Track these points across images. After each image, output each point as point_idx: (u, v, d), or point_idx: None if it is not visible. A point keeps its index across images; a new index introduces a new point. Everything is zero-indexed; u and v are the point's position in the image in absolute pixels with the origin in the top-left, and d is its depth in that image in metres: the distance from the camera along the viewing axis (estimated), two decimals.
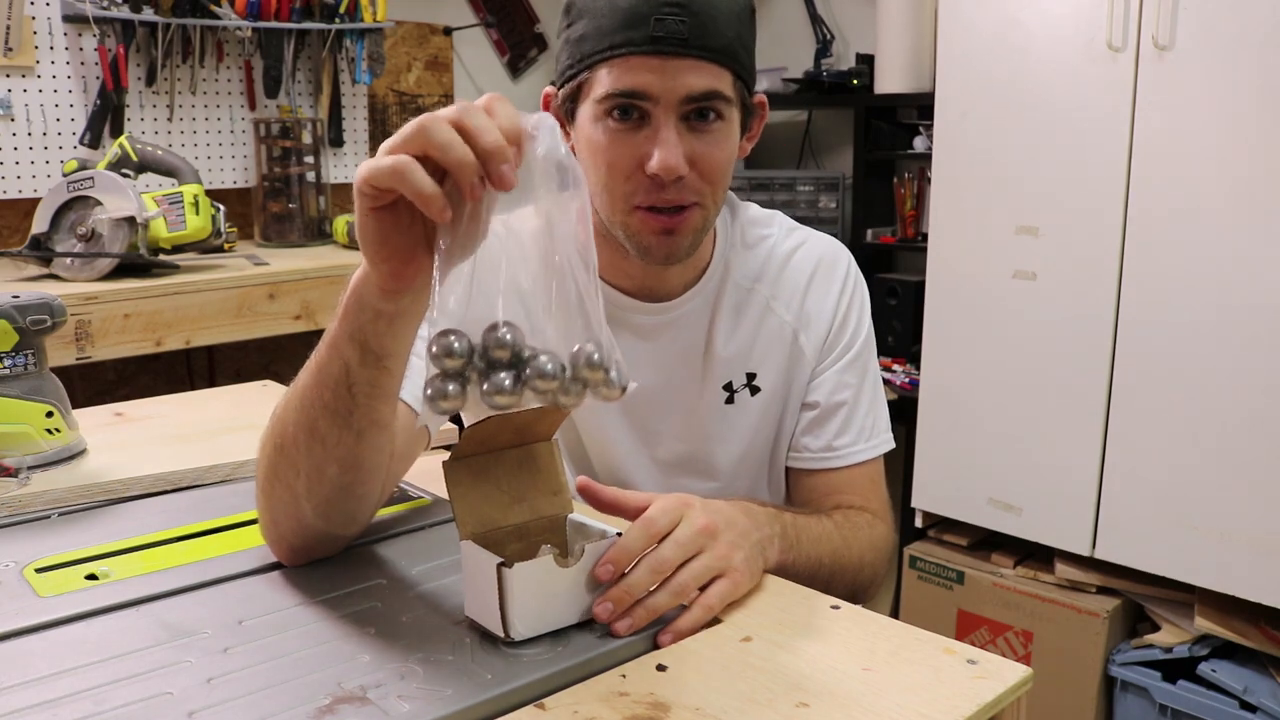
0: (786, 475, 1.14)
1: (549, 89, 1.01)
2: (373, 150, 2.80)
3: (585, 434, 1.08)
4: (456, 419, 1.17)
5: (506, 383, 0.63)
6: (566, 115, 0.99)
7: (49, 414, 1.10)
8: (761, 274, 1.09)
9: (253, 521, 0.91)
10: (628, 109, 0.92)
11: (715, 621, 0.77)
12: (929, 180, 2.35)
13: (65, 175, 1.98)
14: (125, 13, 2.23)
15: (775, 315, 1.09)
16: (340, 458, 0.76)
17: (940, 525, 2.38)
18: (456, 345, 0.63)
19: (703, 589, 0.76)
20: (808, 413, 1.10)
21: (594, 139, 0.95)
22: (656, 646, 0.73)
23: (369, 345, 0.71)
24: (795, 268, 1.10)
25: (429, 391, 0.63)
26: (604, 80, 0.92)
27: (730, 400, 1.08)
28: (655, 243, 0.97)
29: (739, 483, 1.11)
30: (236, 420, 1.26)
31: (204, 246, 2.09)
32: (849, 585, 0.96)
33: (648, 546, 0.74)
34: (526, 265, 0.65)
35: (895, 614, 2.38)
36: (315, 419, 0.74)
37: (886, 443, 1.12)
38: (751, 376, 1.08)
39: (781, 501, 1.15)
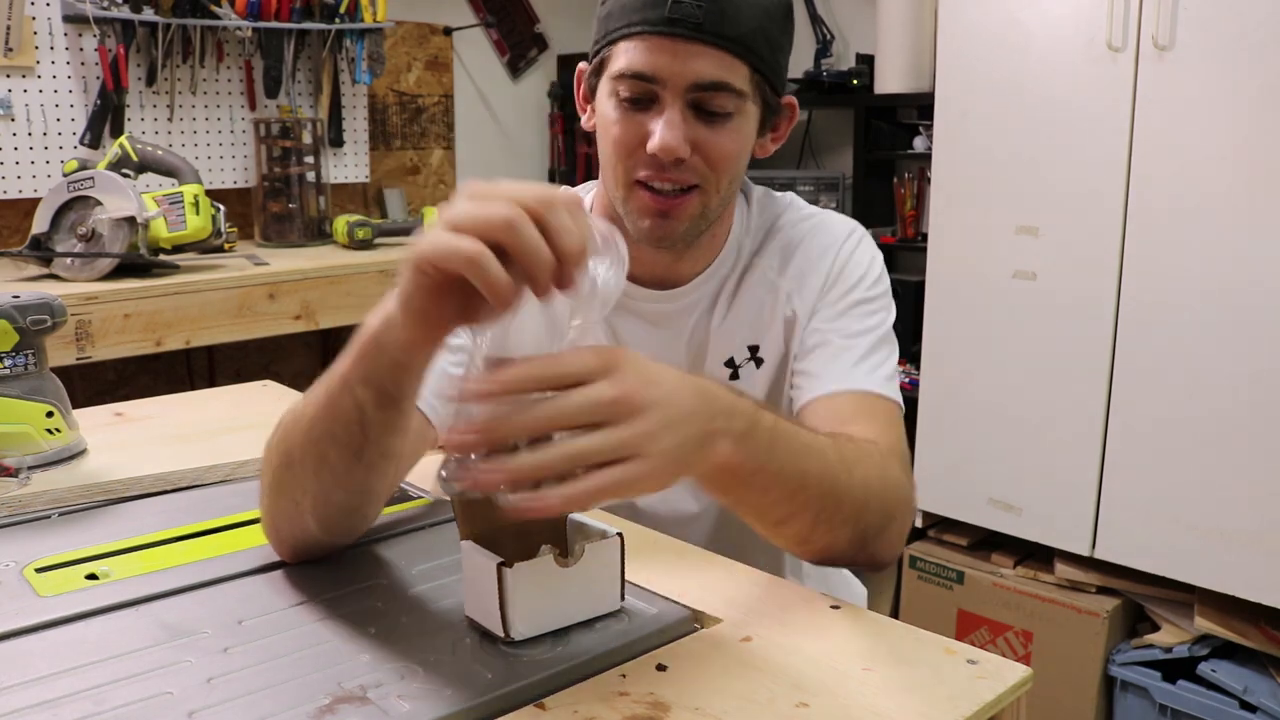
0: None
1: (582, 65, 1.03)
2: (373, 151, 2.80)
3: None
4: None
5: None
6: (590, 91, 1.01)
7: (49, 414, 1.10)
8: (763, 248, 1.08)
9: (252, 521, 0.91)
10: (637, 89, 0.93)
11: (715, 621, 0.77)
12: (929, 180, 2.35)
13: (65, 175, 1.98)
14: (125, 13, 2.23)
15: (769, 281, 1.07)
16: (348, 486, 0.76)
17: (940, 525, 2.38)
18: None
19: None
20: (795, 363, 1.04)
21: (605, 115, 0.96)
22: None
23: (385, 389, 0.70)
24: (795, 236, 1.08)
25: (443, 473, 0.62)
26: (619, 58, 0.94)
27: (734, 376, 1.08)
28: (650, 224, 0.97)
29: None
30: (236, 420, 1.26)
31: (204, 246, 2.09)
32: (850, 520, 0.80)
33: (540, 387, 0.61)
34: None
35: (895, 614, 2.38)
36: (325, 450, 0.74)
37: (895, 394, 0.99)
38: (755, 349, 1.08)
39: None
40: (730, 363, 1.08)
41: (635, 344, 1.06)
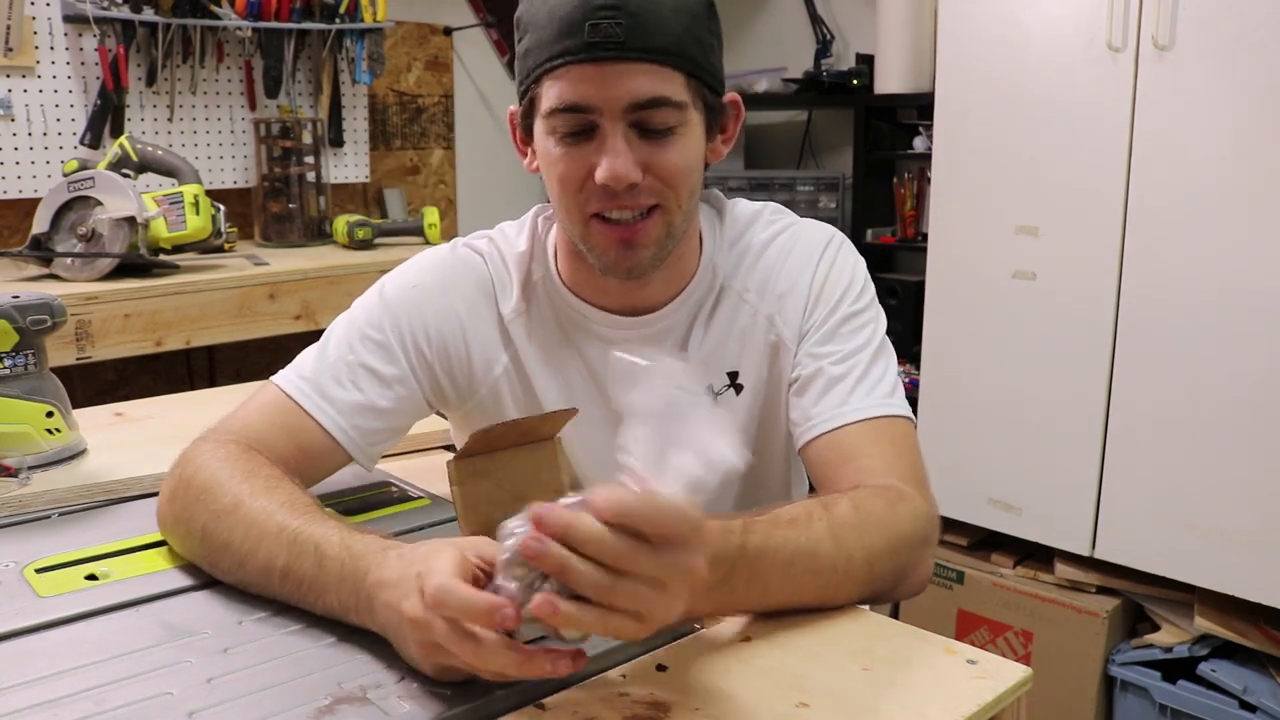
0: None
1: (512, 108, 0.98)
2: (373, 151, 2.80)
3: (578, 460, 1.04)
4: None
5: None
6: (526, 133, 0.96)
7: (49, 414, 1.10)
8: (737, 268, 1.03)
9: None
10: (573, 123, 0.88)
11: (715, 621, 0.77)
12: (929, 180, 2.35)
13: (65, 175, 1.98)
14: (125, 13, 2.23)
15: (748, 306, 1.02)
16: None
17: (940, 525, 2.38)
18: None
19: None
20: (792, 395, 1.00)
21: (549, 154, 0.92)
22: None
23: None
24: (770, 254, 1.03)
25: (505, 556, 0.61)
26: (548, 95, 0.89)
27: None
28: (615, 256, 0.92)
29: (730, 492, 1.06)
30: None
31: (204, 246, 2.09)
32: (856, 590, 0.81)
33: (638, 527, 0.59)
34: None
35: (895, 614, 2.38)
36: (275, 596, 0.78)
37: (899, 408, 0.97)
38: (734, 376, 1.03)
39: (785, 499, 1.11)
40: (708, 390, 1.02)
41: (607, 372, 1.01)
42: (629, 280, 0.96)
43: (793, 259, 1.03)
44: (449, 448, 1.25)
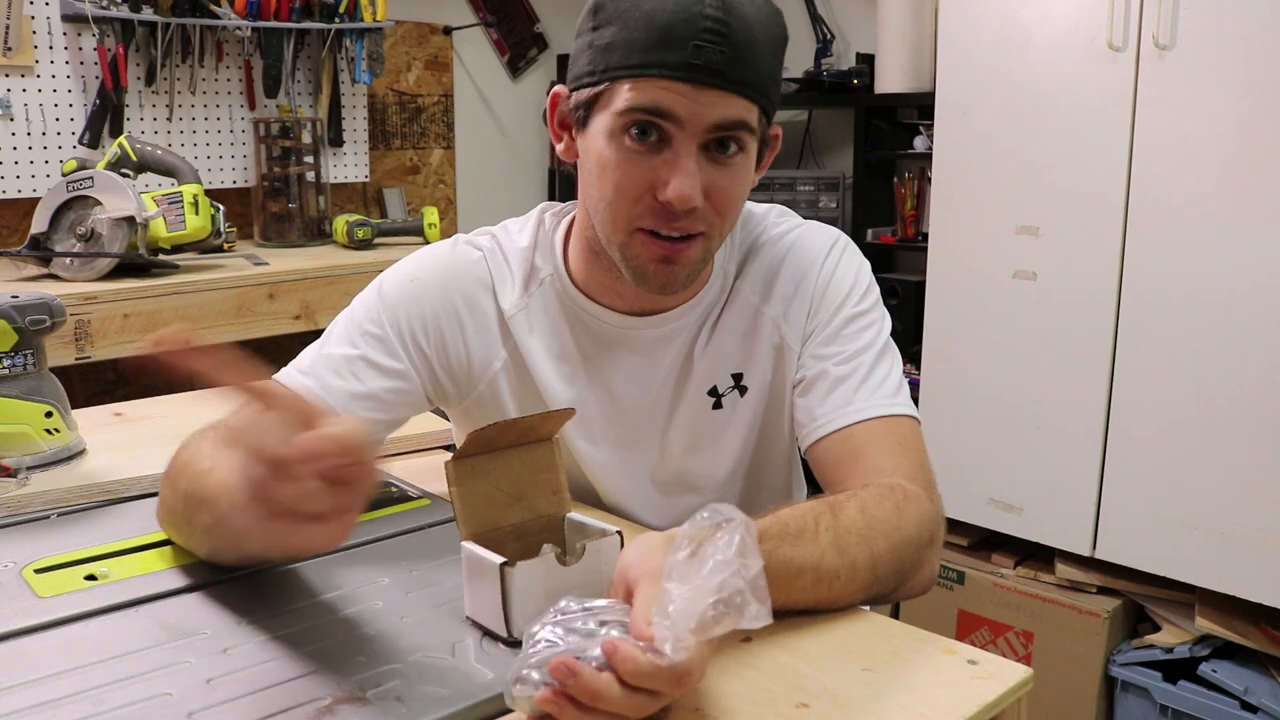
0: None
1: (560, 88, 0.95)
2: (372, 150, 2.80)
3: (581, 456, 1.04)
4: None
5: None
6: (577, 122, 0.93)
7: (48, 414, 1.10)
8: (744, 270, 1.04)
9: None
10: (648, 128, 0.86)
11: None
12: (929, 180, 2.35)
13: (64, 175, 1.98)
14: (125, 12, 2.23)
15: (752, 308, 1.02)
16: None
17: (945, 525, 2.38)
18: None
19: None
20: (796, 397, 1.01)
21: (605, 155, 0.89)
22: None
23: None
24: (774, 256, 1.03)
25: (518, 687, 0.60)
26: (628, 95, 0.86)
27: (718, 405, 1.03)
28: (654, 271, 0.91)
29: (733, 493, 1.06)
30: None
31: (203, 246, 2.09)
32: (858, 594, 0.80)
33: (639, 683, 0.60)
34: None
35: (895, 614, 2.38)
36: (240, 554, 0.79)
37: (905, 407, 0.98)
38: (739, 377, 1.03)
39: (787, 501, 1.11)
40: (714, 391, 1.03)
41: (617, 373, 1.02)
42: (659, 293, 0.95)
43: (796, 262, 1.03)
44: (449, 448, 1.25)
